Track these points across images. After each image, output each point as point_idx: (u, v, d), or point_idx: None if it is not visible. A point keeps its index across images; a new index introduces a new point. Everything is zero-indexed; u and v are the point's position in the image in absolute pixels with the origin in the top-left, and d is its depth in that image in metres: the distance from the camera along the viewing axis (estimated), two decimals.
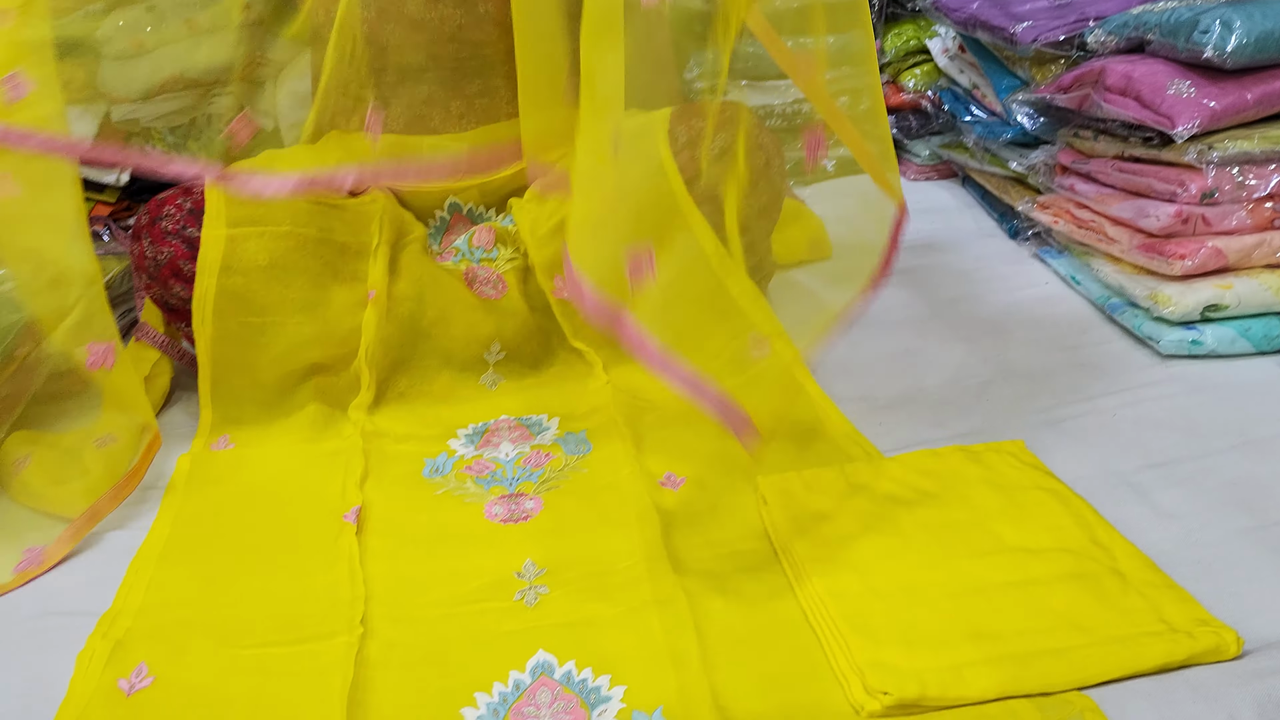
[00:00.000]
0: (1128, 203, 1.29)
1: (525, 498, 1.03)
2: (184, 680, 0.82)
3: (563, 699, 0.77)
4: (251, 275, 1.15)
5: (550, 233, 1.25)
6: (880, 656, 0.76)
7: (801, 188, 1.92)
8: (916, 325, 1.33)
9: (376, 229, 1.23)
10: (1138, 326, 1.23)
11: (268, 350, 1.18)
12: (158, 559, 0.96)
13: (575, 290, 0.85)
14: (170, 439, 1.17)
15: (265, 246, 1.15)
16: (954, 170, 1.91)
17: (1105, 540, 0.87)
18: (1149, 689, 0.73)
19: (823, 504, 0.94)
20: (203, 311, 1.14)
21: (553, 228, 1.25)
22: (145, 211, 1.19)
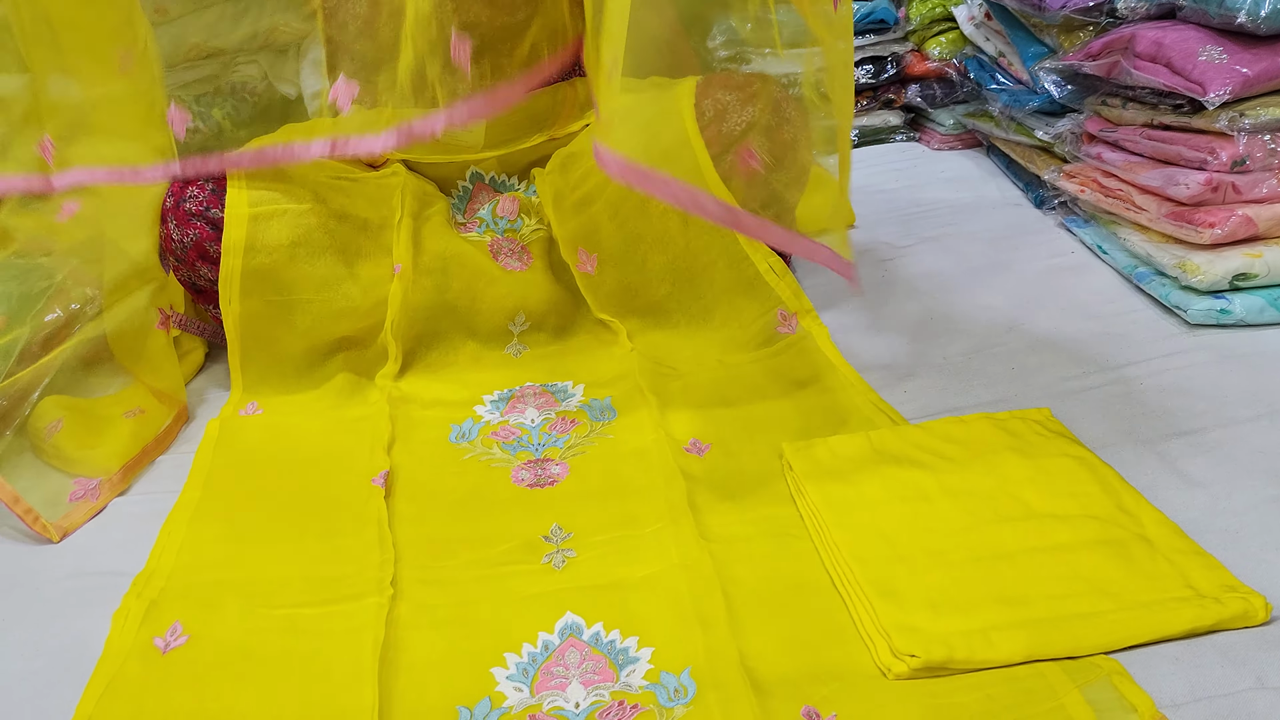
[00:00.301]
0: (1156, 171, 1.28)
1: (551, 463, 1.03)
2: (218, 639, 0.83)
3: (591, 659, 0.78)
4: (276, 254, 1.15)
5: (574, 206, 1.25)
6: (907, 620, 0.77)
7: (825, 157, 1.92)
8: (941, 294, 1.32)
9: (398, 202, 1.24)
10: (1165, 296, 1.23)
11: (295, 326, 1.19)
12: (189, 521, 0.98)
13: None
14: (198, 408, 1.18)
15: (288, 225, 1.16)
16: (978, 139, 1.89)
17: (1132, 507, 0.87)
18: (1177, 653, 0.73)
19: (848, 470, 0.94)
20: (229, 291, 1.15)
21: (576, 201, 1.25)
22: (170, 194, 1.19)
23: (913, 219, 1.59)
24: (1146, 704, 0.68)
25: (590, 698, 0.75)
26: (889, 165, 1.85)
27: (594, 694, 0.75)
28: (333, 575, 0.89)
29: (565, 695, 0.75)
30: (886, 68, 1.94)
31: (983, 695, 0.71)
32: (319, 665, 0.80)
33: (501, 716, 0.74)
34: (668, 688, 0.75)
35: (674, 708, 0.73)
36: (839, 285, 1.37)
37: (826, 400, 1.10)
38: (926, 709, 0.70)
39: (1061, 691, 0.70)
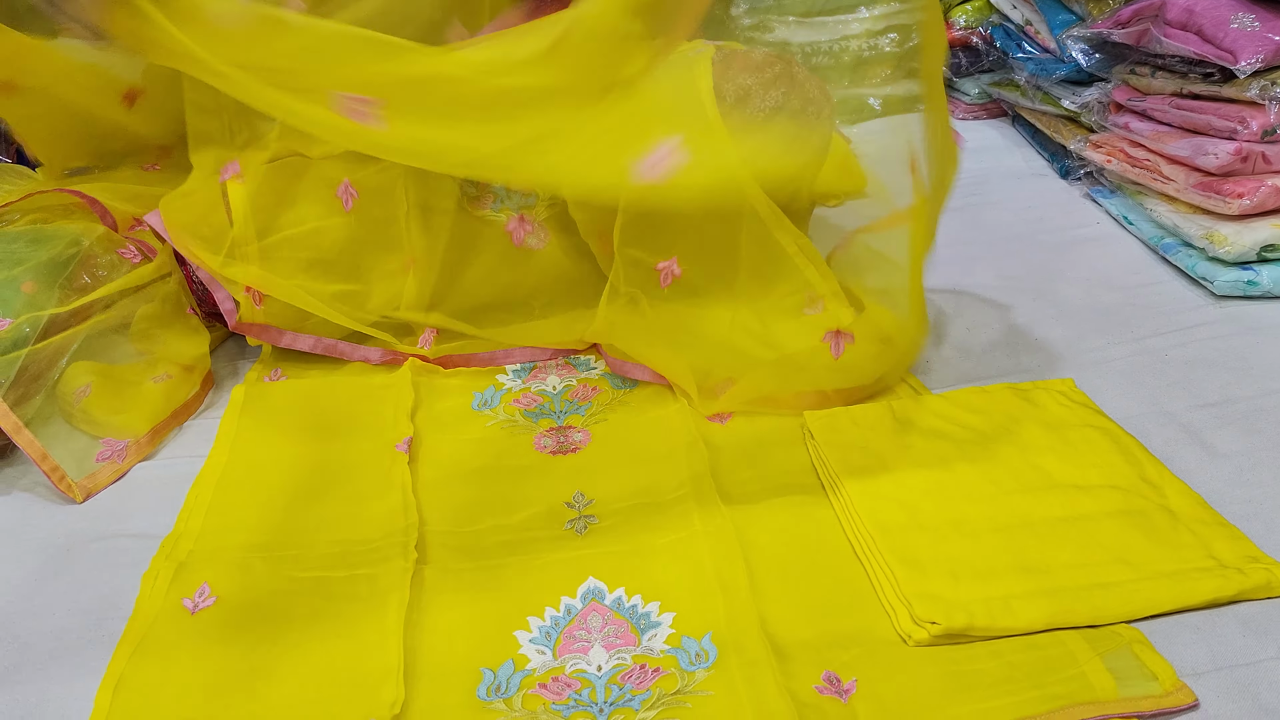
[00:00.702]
0: (1185, 141, 1.26)
1: (574, 430, 1.04)
2: (245, 600, 0.84)
3: (613, 623, 0.79)
4: (292, 279, 1.15)
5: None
6: (927, 588, 0.77)
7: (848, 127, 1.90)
8: (965, 264, 1.32)
9: (402, 195, 1.23)
10: (1192, 267, 1.22)
11: (317, 327, 1.20)
12: (216, 485, 0.99)
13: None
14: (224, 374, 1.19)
15: (297, 249, 1.16)
16: (1003, 109, 1.87)
17: (1155, 478, 0.87)
18: (1198, 622, 0.73)
19: (869, 439, 0.95)
20: (252, 314, 1.16)
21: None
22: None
23: None
24: (1167, 672, 0.69)
25: (612, 661, 0.75)
26: None
27: (616, 657, 0.76)
28: (358, 539, 0.90)
29: (587, 658, 0.76)
30: (911, 36, 1.92)
31: (1003, 663, 0.71)
32: (345, 627, 0.81)
33: (525, 678, 0.75)
34: (689, 652, 0.75)
35: (695, 671, 0.74)
36: None
37: None
38: (947, 675, 0.71)
39: (1082, 659, 0.70)
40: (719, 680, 0.72)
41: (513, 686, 0.74)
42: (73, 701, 0.75)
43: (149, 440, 1.06)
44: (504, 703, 0.73)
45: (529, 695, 0.73)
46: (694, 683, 0.73)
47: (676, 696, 0.72)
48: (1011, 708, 0.67)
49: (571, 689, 0.73)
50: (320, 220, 1.17)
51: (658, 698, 0.72)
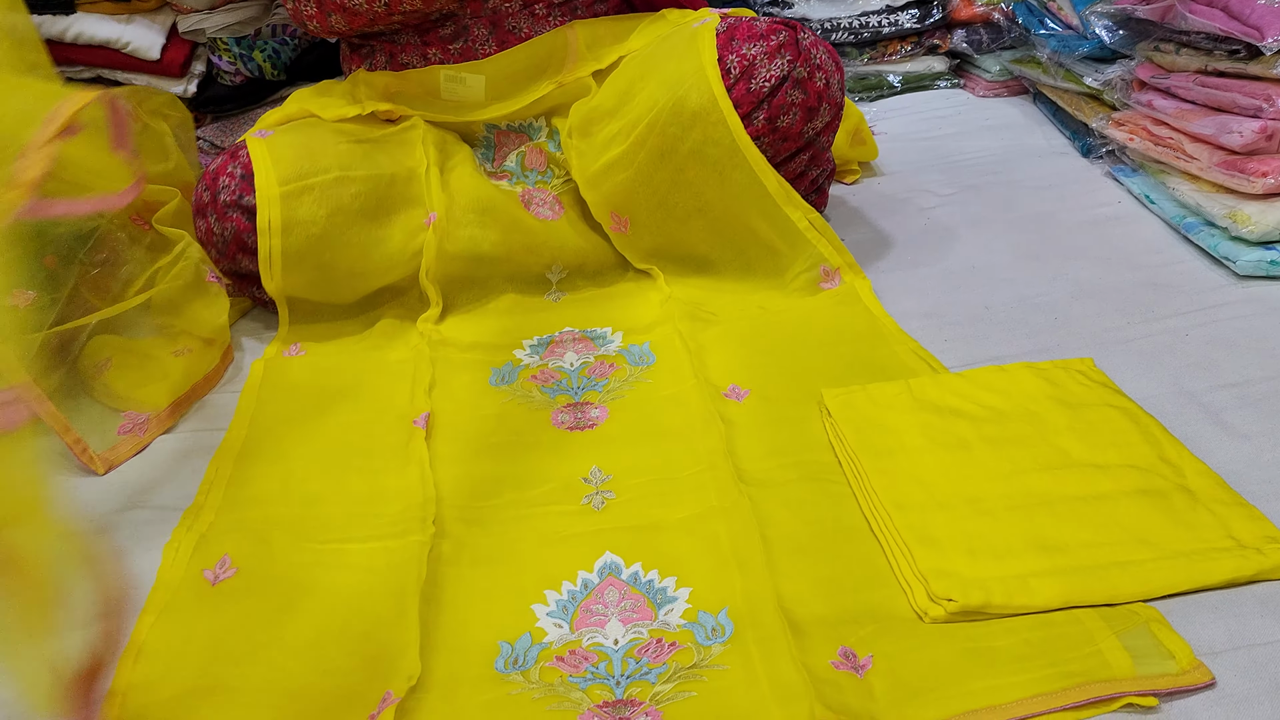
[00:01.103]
0: (1209, 119, 1.25)
1: (591, 406, 1.04)
2: (266, 572, 0.85)
3: (630, 598, 0.79)
4: (311, 228, 1.15)
5: (601, 171, 1.24)
6: (944, 565, 0.77)
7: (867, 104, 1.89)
8: (985, 243, 1.31)
9: (422, 153, 1.24)
10: (1214, 246, 1.20)
11: (336, 289, 1.21)
12: (236, 458, 0.99)
13: None
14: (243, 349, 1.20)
15: (318, 199, 1.16)
16: (1025, 87, 1.86)
17: (1174, 458, 0.87)
18: (1216, 602, 0.73)
19: (887, 417, 0.94)
20: (270, 270, 1.16)
21: (603, 166, 1.23)
22: (204, 187, 1.19)
23: (956, 167, 1.57)
24: (1185, 651, 0.69)
25: (629, 635, 0.76)
26: (933, 112, 1.82)
27: (633, 631, 0.76)
28: (376, 513, 0.91)
29: (604, 632, 0.76)
30: (932, 12, 1.90)
31: (1019, 640, 0.71)
32: (363, 599, 0.81)
33: (542, 651, 0.75)
34: (705, 626, 0.76)
35: (711, 646, 0.74)
36: (881, 232, 1.36)
37: (866, 348, 1.09)
38: (963, 652, 0.71)
39: (1099, 637, 0.70)
40: (735, 655, 0.73)
41: (530, 659, 0.75)
42: None
43: (170, 414, 1.07)
44: (521, 675, 0.73)
45: (546, 668, 0.74)
46: (710, 657, 0.73)
47: (693, 670, 0.72)
48: (1027, 685, 0.68)
49: (589, 662, 0.74)
50: (342, 171, 1.18)
51: (674, 671, 0.72)
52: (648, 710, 0.69)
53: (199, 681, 0.74)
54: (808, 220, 1.19)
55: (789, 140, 1.18)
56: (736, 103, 1.14)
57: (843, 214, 1.43)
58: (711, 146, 1.15)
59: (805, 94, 1.16)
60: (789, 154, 1.21)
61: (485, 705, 0.71)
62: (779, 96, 1.15)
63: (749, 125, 1.15)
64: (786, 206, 1.17)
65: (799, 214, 1.18)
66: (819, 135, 1.22)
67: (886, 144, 1.66)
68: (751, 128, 1.15)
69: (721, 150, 1.15)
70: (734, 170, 1.16)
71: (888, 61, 1.95)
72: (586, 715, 0.69)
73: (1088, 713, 0.66)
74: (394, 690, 0.70)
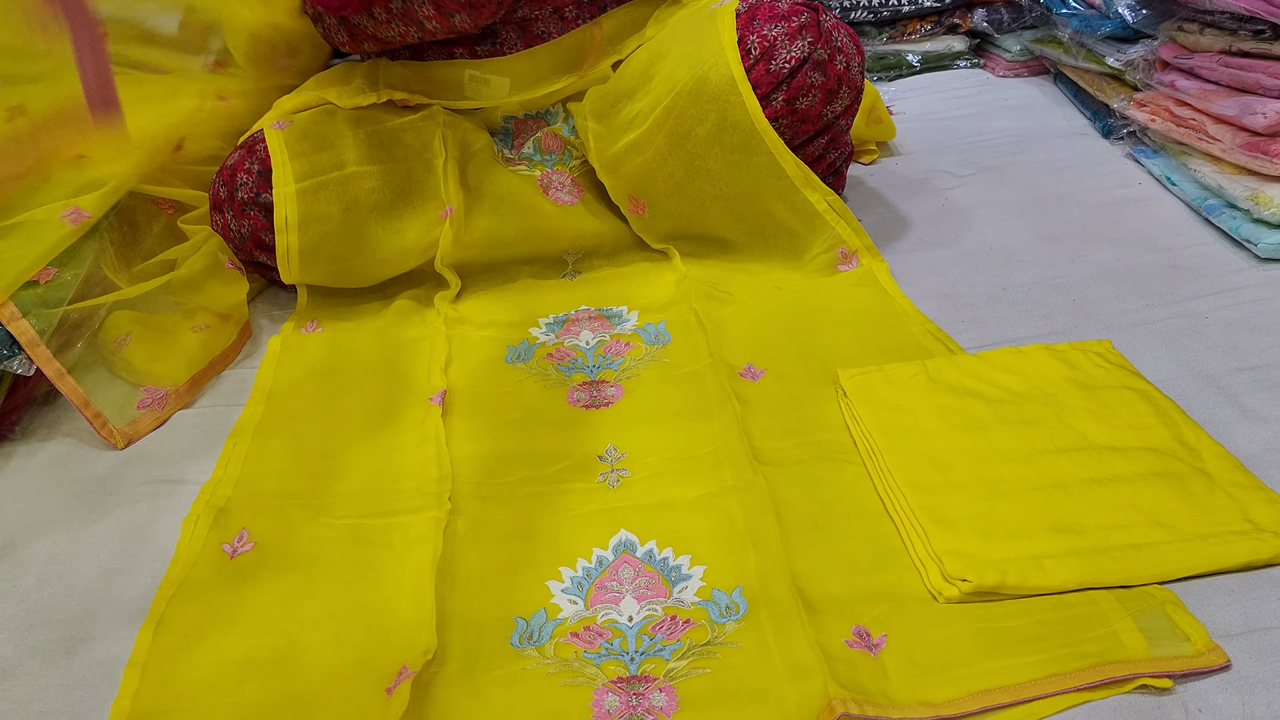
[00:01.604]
0: (1232, 99, 1.24)
1: (606, 384, 1.04)
2: (283, 546, 0.86)
3: (644, 575, 0.80)
4: (328, 224, 1.16)
5: (618, 156, 1.24)
6: (959, 546, 0.77)
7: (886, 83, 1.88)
8: (1003, 224, 1.30)
9: (439, 145, 1.24)
10: (1235, 229, 1.19)
11: (352, 278, 1.22)
12: (254, 433, 1.00)
13: None
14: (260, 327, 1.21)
15: (335, 194, 1.16)
16: (1045, 67, 1.84)
17: (1192, 440, 0.86)
18: (1233, 585, 0.73)
19: (903, 398, 0.94)
20: (288, 265, 1.17)
21: (620, 150, 1.23)
22: (221, 183, 1.20)
23: (975, 148, 1.55)
24: (1200, 633, 0.68)
25: (643, 612, 0.76)
26: (952, 92, 1.81)
27: (647, 608, 0.76)
28: (392, 489, 0.91)
29: (619, 609, 0.77)
30: None
31: (1034, 620, 0.71)
32: (379, 574, 0.82)
33: (556, 627, 0.76)
34: (719, 604, 0.76)
35: (725, 623, 0.74)
36: (898, 212, 1.36)
37: (882, 328, 1.09)
38: (977, 632, 0.71)
39: (1114, 619, 0.70)
40: (749, 632, 0.73)
41: (545, 635, 0.75)
42: (115, 641, 0.77)
43: (188, 388, 1.08)
44: (536, 650, 0.74)
45: (561, 644, 0.74)
46: (724, 634, 0.73)
47: (707, 647, 0.72)
48: (1041, 665, 0.68)
49: (603, 638, 0.74)
50: (358, 166, 1.18)
51: (688, 648, 0.72)
52: (661, 686, 0.70)
53: (216, 656, 0.75)
54: (826, 202, 1.18)
55: (807, 122, 1.17)
56: (755, 83, 1.14)
57: (860, 194, 1.42)
58: (729, 130, 1.15)
59: (825, 76, 1.15)
60: (807, 137, 1.20)
61: (500, 680, 0.72)
62: (799, 78, 1.14)
63: (768, 106, 1.14)
64: (805, 189, 1.17)
65: (818, 196, 1.18)
66: (838, 118, 1.21)
67: (905, 124, 1.65)
68: (770, 109, 1.14)
69: (740, 134, 1.14)
70: (752, 153, 1.15)
71: (907, 40, 1.93)
72: (601, 690, 0.70)
73: (1102, 693, 0.66)
74: (410, 665, 0.71)
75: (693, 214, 1.24)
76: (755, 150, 1.15)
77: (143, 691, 0.73)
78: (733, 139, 1.15)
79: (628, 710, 0.68)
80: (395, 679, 0.71)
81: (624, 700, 0.69)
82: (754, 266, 1.22)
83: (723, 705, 0.68)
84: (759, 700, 0.68)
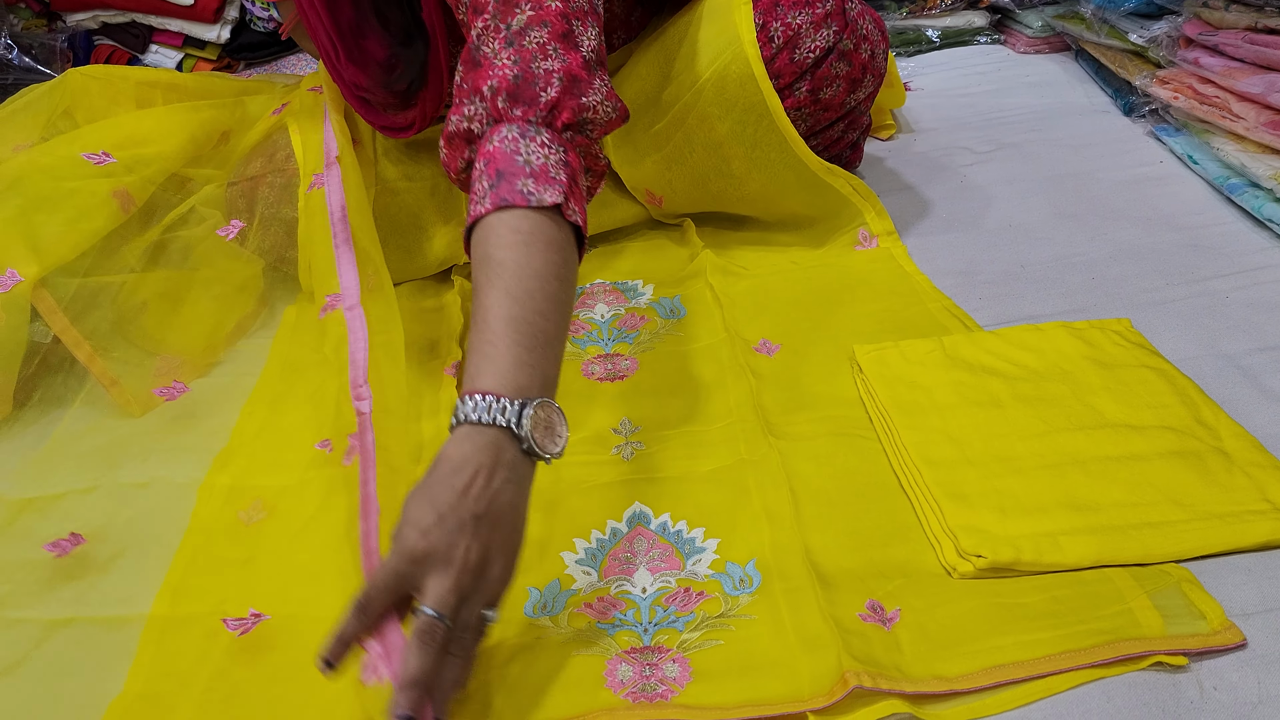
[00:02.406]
0: (1257, 77, 1.22)
1: (621, 358, 1.04)
2: (298, 514, 0.86)
3: (658, 548, 0.80)
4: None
5: (634, 152, 1.22)
6: (974, 522, 0.77)
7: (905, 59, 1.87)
8: (1022, 201, 1.29)
9: None
10: (1258, 208, 1.18)
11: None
12: (269, 402, 1.00)
13: None
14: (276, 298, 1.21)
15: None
16: (1066, 43, 1.82)
17: (1210, 420, 0.86)
18: (1250, 564, 0.72)
19: (919, 374, 0.94)
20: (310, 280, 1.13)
21: (637, 147, 1.22)
22: (241, 194, 1.17)
23: (994, 124, 1.54)
24: (1216, 611, 0.68)
25: (657, 584, 0.76)
26: (972, 68, 1.79)
27: (660, 580, 0.77)
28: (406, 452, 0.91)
29: (632, 580, 0.77)
30: None
31: (1048, 597, 0.71)
32: None
33: (570, 598, 0.76)
34: (733, 577, 0.76)
35: (739, 596, 0.74)
36: (917, 188, 1.35)
37: (899, 305, 1.08)
38: (991, 607, 0.71)
39: (1129, 596, 0.70)
40: (762, 605, 0.73)
41: (559, 605, 0.75)
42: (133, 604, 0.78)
43: (204, 357, 1.08)
44: (550, 620, 0.74)
45: (575, 614, 0.74)
46: (737, 607, 0.73)
47: (720, 619, 0.73)
48: (1056, 641, 0.67)
49: (617, 609, 0.74)
50: (390, 182, 1.17)
51: (701, 620, 0.73)
52: (675, 657, 0.70)
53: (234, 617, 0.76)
54: (851, 186, 1.17)
55: (829, 111, 1.16)
56: (778, 73, 1.11)
57: (878, 172, 1.41)
58: (751, 127, 1.11)
59: (850, 66, 1.13)
60: (827, 124, 1.19)
61: (514, 649, 0.72)
62: (823, 69, 1.12)
63: (790, 96, 1.13)
64: (828, 178, 1.16)
65: (841, 182, 1.17)
66: (860, 105, 1.20)
67: (924, 100, 1.64)
68: (793, 99, 1.13)
69: (760, 131, 1.11)
70: (769, 148, 1.12)
71: (927, 16, 1.92)
72: (614, 660, 0.70)
73: (1116, 671, 0.66)
74: None
75: (711, 205, 1.23)
76: (776, 148, 1.12)
77: (158, 659, 0.73)
78: (752, 136, 1.12)
79: (641, 680, 0.68)
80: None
81: (637, 670, 0.69)
82: (772, 246, 1.22)
83: (736, 677, 0.68)
84: (772, 672, 0.68)
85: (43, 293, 0.99)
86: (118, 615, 0.77)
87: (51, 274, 1.00)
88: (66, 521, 0.87)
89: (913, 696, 0.65)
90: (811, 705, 0.64)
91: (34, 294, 0.98)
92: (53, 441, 0.97)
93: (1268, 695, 0.63)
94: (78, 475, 0.93)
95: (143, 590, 0.79)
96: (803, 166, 1.13)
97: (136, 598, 0.79)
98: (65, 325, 0.99)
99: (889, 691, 0.64)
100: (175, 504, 0.88)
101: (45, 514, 0.88)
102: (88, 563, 0.83)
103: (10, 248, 0.98)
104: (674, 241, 1.26)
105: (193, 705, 0.69)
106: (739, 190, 1.18)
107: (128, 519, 0.87)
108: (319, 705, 0.68)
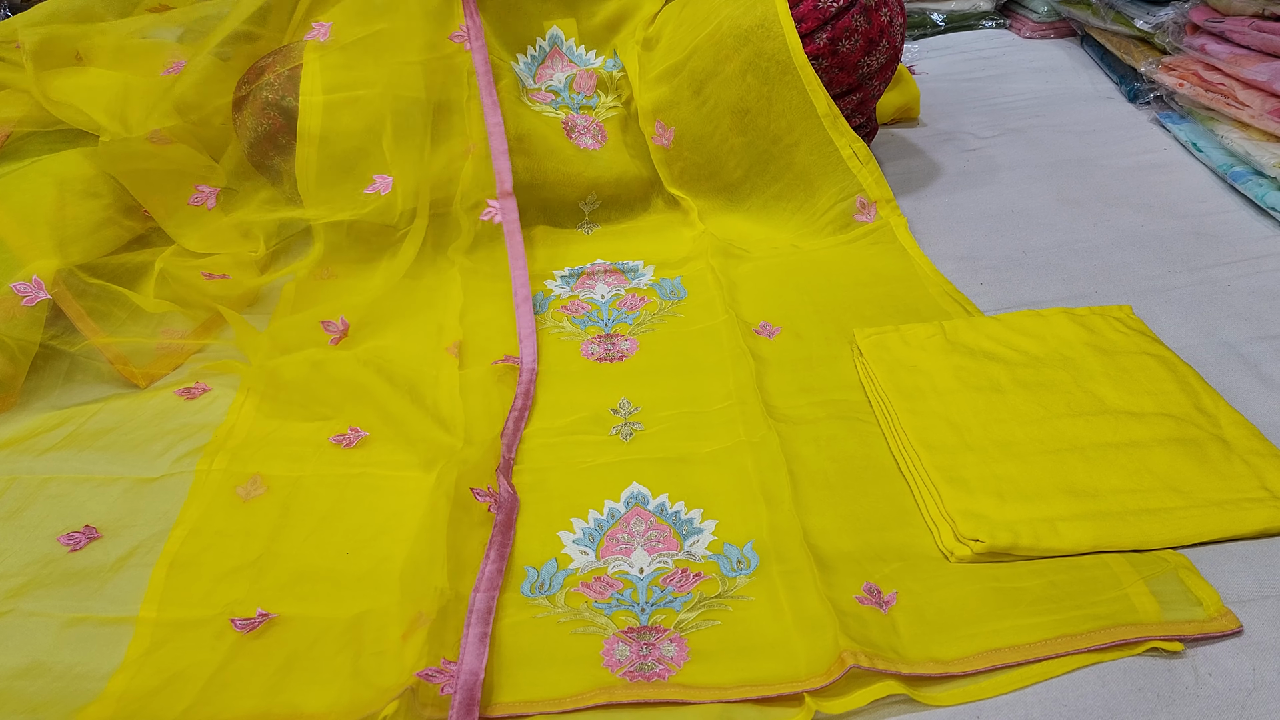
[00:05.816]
0: (1264, 64, 1.21)
1: (621, 338, 1.04)
2: (296, 491, 0.86)
3: (656, 528, 0.80)
4: (349, 141, 1.14)
5: (657, 78, 1.23)
6: (972, 506, 0.77)
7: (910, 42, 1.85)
8: (1025, 187, 1.29)
9: (465, 82, 1.22)
10: (1261, 196, 1.18)
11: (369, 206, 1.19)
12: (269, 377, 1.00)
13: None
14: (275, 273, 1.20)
15: (360, 112, 1.14)
16: (1072, 29, 1.81)
17: (1210, 407, 0.85)
18: (1247, 551, 0.72)
19: (919, 359, 0.94)
20: (306, 179, 1.14)
21: (660, 73, 1.23)
22: (245, 80, 1.18)
23: (999, 109, 1.54)
24: (1212, 598, 0.68)
25: (654, 564, 0.76)
26: (976, 53, 1.78)
27: (658, 560, 0.77)
28: (407, 438, 0.91)
29: (630, 560, 0.77)
30: None
31: (1045, 582, 0.71)
32: (393, 521, 0.82)
33: (568, 577, 0.76)
34: (730, 558, 0.76)
35: (736, 577, 0.74)
36: (920, 173, 1.34)
37: (900, 288, 1.08)
38: (988, 591, 0.71)
39: (1126, 582, 0.70)
40: (760, 586, 0.73)
41: (556, 584, 0.75)
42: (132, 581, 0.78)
43: (206, 331, 1.08)
44: (547, 599, 0.74)
45: (572, 593, 0.74)
46: (735, 588, 0.73)
47: (717, 600, 0.73)
48: (1052, 625, 0.68)
49: (614, 589, 0.74)
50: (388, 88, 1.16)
51: (698, 600, 0.73)
52: (672, 637, 0.70)
53: (226, 595, 0.76)
54: (851, 149, 1.17)
55: (845, 70, 1.17)
56: (802, 18, 1.14)
57: (881, 155, 1.41)
58: (766, 60, 1.15)
59: (869, 24, 1.16)
60: (841, 90, 1.19)
61: (512, 628, 0.72)
62: (844, 20, 1.15)
63: (811, 43, 1.15)
64: (832, 131, 1.16)
65: (844, 141, 1.17)
66: (872, 76, 1.20)
67: (928, 84, 1.63)
68: (813, 45, 1.15)
69: (775, 65, 1.15)
70: (785, 87, 1.16)
71: None
72: (611, 640, 0.70)
73: (1112, 655, 0.66)
74: (425, 611, 0.71)
75: (715, 149, 1.23)
76: (789, 85, 1.15)
77: (157, 631, 0.73)
78: (768, 70, 1.15)
79: (638, 659, 0.68)
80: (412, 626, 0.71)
81: (635, 650, 0.69)
82: (771, 221, 1.21)
83: (733, 657, 0.68)
84: (769, 652, 0.68)
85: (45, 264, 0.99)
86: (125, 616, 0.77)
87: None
88: (82, 513, 0.86)
89: (909, 678, 0.65)
90: (809, 685, 0.64)
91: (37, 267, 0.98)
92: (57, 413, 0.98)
93: (1263, 681, 0.63)
94: (80, 445, 0.93)
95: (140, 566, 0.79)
96: (811, 109, 1.14)
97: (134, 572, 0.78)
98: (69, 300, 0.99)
99: (885, 672, 0.65)
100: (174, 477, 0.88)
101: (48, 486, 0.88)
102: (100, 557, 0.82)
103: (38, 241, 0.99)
104: (675, 223, 1.25)
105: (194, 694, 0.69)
106: (744, 119, 1.19)
107: (124, 491, 0.87)
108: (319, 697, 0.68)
